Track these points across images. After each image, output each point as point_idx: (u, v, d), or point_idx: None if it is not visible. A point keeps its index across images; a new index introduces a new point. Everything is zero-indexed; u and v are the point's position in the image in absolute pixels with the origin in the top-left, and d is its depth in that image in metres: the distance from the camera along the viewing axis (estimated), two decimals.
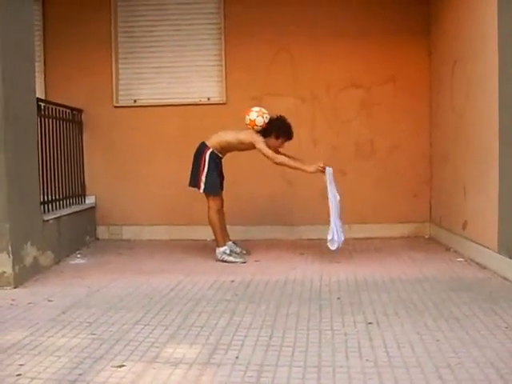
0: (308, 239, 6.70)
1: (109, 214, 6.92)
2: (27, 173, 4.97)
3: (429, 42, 6.75)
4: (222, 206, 5.64)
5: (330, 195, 5.34)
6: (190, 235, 6.64)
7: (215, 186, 5.54)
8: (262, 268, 5.21)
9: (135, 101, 7.08)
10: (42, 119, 5.56)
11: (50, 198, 5.71)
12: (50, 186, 5.72)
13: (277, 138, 5.51)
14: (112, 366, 2.85)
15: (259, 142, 5.41)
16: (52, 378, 2.71)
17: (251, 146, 5.49)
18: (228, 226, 5.83)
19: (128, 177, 6.99)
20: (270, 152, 5.38)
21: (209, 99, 7.00)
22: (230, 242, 5.67)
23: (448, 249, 5.96)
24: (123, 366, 2.86)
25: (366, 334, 3.28)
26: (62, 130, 6.22)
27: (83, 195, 6.84)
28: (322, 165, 5.32)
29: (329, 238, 5.25)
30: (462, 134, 5.63)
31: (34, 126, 5.18)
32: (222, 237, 5.58)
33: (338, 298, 4.09)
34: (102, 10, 6.94)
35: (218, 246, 5.54)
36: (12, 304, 4.06)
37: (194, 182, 5.55)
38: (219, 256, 5.50)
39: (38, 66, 6.21)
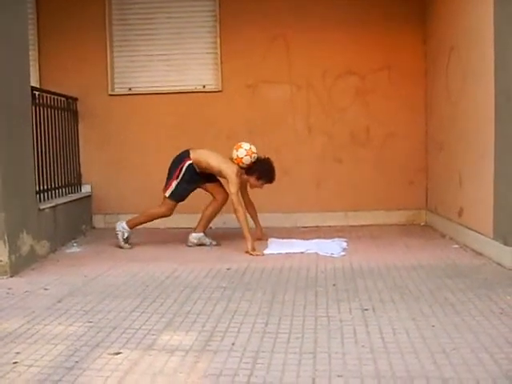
0: (303, 226, 6.72)
1: (105, 202, 6.92)
2: (22, 162, 4.96)
3: (424, 30, 6.73)
4: (170, 214, 5.76)
5: (303, 249, 5.38)
6: (186, 223, 6.62)
7: (180, 196, 5.63)
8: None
9: (130, 89, 7.05)
10: (37, 108, 5.54)
11: (45, 187, 5.70)
12: (45, 175, 5.71)
13: (258, 179, 5.56)
14: (108, 354, 2.86)
15: (234, 184, 5.39)
16: (49, 365, 2.72)
17: (225, 178, 5.52)
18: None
19: (124, 165, 6.98)
20: (235, 200, 5.34)
21: (204, 87, 6.98)
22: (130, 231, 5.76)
23: (443, 236, 5.98)
24: (120, 353, 2.87)
25: (361, 321, 3.30)
26: (57, 118, 6.20)
27: (79, 184, 6.84)
28: (259, 253, 5.25)
29: (330, 254, 5.22)
30: (458, 121, 5.63)
31: (28, 114, 5.15)
32: (136, 224, 5.77)
33: (334, 285, 4.10)
34: None
35: (129, 226, 5.71)
36: (8, 293, 4.06)
37: (166, 185, 5.64)
38: (118, 228, 5.71)
39: (32, 55, 6.17)
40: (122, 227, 5.70)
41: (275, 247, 5.50)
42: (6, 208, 4.54)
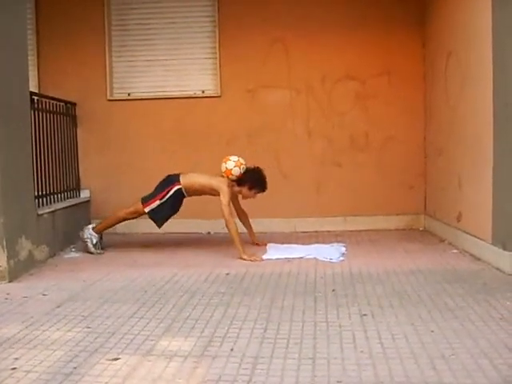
0: (302, 231, 6.71)
1: (103, 207, 6.89)
2: (21, 167, 4.95)
3: (423, 34, 6.74)
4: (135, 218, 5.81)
5: (302, 255, 5.37)
6: (185, 228, 6.63)
7: (158, 218, 5.63)
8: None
9: (129, 94, 7.05)
10: (36, 113, 5.54)
11: (44, 192, 5.69)
12: (44, 180, 5.70)
13: (250, 188, 5.58)
14: (107, 359, 2.85)
15: (225, 195, 5.40)
16: (47, 371, 2.72)
17: (218, 193, 5.49)
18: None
19: (122, 170, 6.98)
20: (227, 212, 5.33)
21: (203, 92, 6.99)
22: (98, 235, 5.75)
23: (442, 240, 5.98)
24: (118, 358, 2.86)
25: (360, 326, 3.29)
26: (56, 123, 6.19)
27: (78, 189, 6.83)
28: (258, 259, 5.24)
29: (329, 259, 5.22)
30: (457, 125, 5.63)
31: (27, 119, 5.16)
32: (104, 228, 5.78)
33: (333, 291, 4.10)
34: (95, 3, 6.90)
35: (96, 231, 5.72)
36: (7, 298, 4.06)
37: (147, 199, 5.61)
38: (86, 235, 5.67)
39: (31, 60, 6.18)
40: (89, 234, 5.69)
41: (274, 252, 5.50)
42: (4, 213, 4.53)
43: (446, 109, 5.96)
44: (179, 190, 5.56)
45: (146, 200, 5.62)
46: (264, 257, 5.32)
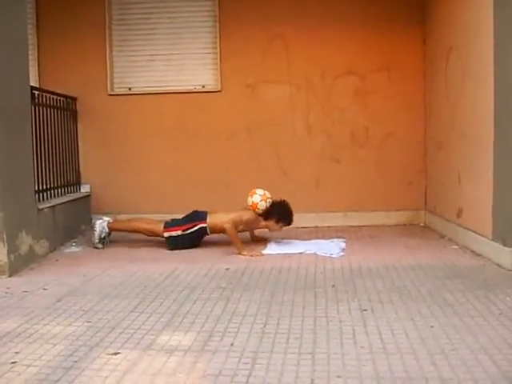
0: (302, 227, 6.71)
1: (104, 202, 6.90)
2: (21, 161, 4.95)
3: (423, 30, 6.73)
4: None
5: (302, 250, 5.39)
6: None
7: (174, 246, 5.58)
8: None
9: (130, 89, 7.04)
10: (36, 107, 5.53)
11: (44, 187, 5.69)
12: (44, 175, 5.70)
13: (277, 222, 5.60)
14: (107, 354, 2.86)
15: (237, 221, 5.43)
16: (47, 365, 2.72)
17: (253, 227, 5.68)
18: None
19: (123, 165, 6.97)
20: (229, 233, 5.36)
21: (203, 87, 6.98)
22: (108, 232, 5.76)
23: (442, 236, 5.98)
24: (118, 353, 2.87)
25: (360, 321, 3.30)
26: (57, 118, 6.19)
27: (78, 184, 6.83)
28: (258, 254, 5.26)
29: (329, 254, 5.22)
30: (457, 121, 5.63)
31: (27, 114, 5.15)
32: (118, 229, 5.82)
33: (333, 286, 4.10)
34: None
35: (109, 227, 5.74)
36: (7, 292, 4.06)
37: (170, 225, 5.62)
38: (98, 226, 5.68)
39: (32, 54, 6.16)
40: (102, 226, 5.71)
41: (274, 248, 5.51)
42: (5, 208, 4.54)
43: (446, 105, 5.96)
44: (204, 228, 5.57)
45: (169, 225, 5.62)
46: (264, 252, 5.33)
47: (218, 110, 6.90)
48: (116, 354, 2.86)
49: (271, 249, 5.46)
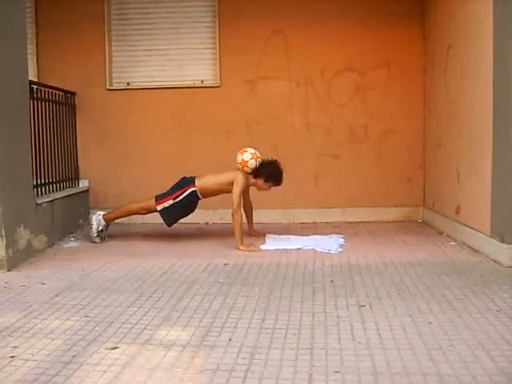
0: (300, 222, 6.72)
1: (102, 197, 6.90)
2: (20, 156, 4.95)
3: (423, 26, 6.72)
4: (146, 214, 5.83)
5: (300, 246, 5.39)
6: (183, 219, 6.62)
7: (170, 218, 5.63)
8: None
9: (128, 83, 7.03)
10: (35, 102, 5.52)
11: (43, 182, 5.69)
12: (42, 170, 5.69)
13: (266, 181, 5.58)
14: (105, 348, 2.86)
15: (239, 184, 5.40)
16: (46, 359, 2.72)
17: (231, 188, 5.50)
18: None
19: (121, 160, 6.97)
20: (236, 201, 5.34)
21: (202, 82, 6.97)
22: (105, 224, 5.75)
23: (441, 233, 5.98)
24: (116, 348, 2.87)
25: (358, 317, 3.30)
26: (55, 112, 6.18)
27: (76, 178, 6.82)
28: (256, 249, 5.25)
29: (327, 250, 5.22)
30: (456, 118, 5.63)
31: (26, 108, 5.14)
32: (113, 217, 5.78)
33: (331, 281, 4.10)
34: None
35: (105, 219, 5.72)
36: (5, 287, 4.06)
37: (160, 197, 5.61)
38: (93, 219, 5.68)
39: (30, 48, 6.17)
40: (97, 219, 5.70)
41: (272, 243, 5.51)
42: (3, 202, 4.53)
43: (445, 101, 5.96)
44: (194, 192, 5.56)
45: (159, 198, 5.61)
46: (262, 247, 5.33)
47: (217, 105, 6.90)
48: (114, 348, 2.86)
49: (269, 244, 5.46)
